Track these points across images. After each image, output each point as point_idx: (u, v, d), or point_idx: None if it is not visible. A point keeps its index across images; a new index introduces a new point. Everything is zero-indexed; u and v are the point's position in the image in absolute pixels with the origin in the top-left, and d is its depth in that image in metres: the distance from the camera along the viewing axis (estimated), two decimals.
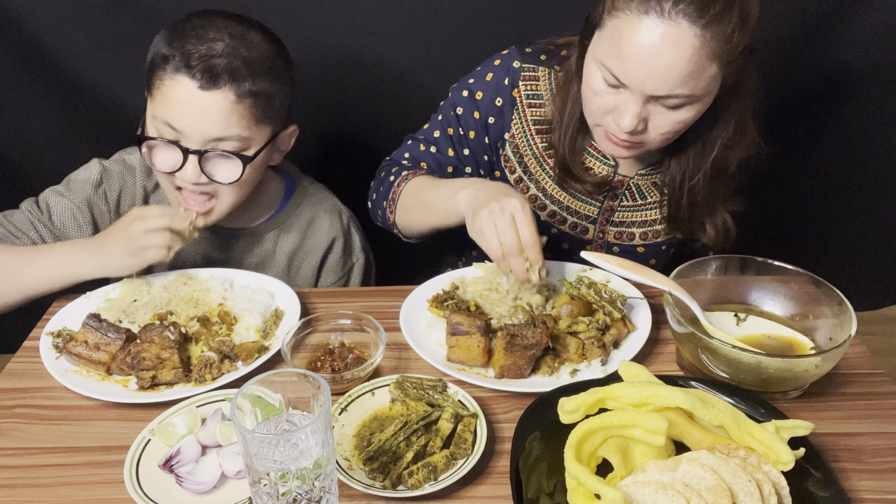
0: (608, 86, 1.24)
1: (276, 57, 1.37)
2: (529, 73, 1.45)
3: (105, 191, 1.50)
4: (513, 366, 1.15)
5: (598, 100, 1.27)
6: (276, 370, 0.87)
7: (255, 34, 1.35)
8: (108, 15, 1.73)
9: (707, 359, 1.11)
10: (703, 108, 1.26)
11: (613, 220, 1.52)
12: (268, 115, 1.37)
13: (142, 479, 0.99)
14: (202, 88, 1.29)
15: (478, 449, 1.00)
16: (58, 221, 1.46)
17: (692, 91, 1.19)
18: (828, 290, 1.15)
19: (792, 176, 1.97)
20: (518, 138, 1.49)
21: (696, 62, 1.15)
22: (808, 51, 1.79)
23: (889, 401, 1.13)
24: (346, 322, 1.26)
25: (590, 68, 1.27)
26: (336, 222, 1.62)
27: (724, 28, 1.14)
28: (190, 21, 1.33)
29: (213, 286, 1.36)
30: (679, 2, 1.13)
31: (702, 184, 1.41)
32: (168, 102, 1.31)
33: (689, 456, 0.93)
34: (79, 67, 1.79)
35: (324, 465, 0.84)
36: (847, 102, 1.85)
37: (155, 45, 1.34)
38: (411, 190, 1.47)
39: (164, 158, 1.35)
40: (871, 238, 2.08)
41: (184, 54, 1.29)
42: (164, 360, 1.16)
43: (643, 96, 1.21)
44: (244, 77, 1.30)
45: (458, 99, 1.51)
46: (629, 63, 1.18)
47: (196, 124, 1.31)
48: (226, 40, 1.31)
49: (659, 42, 1.14)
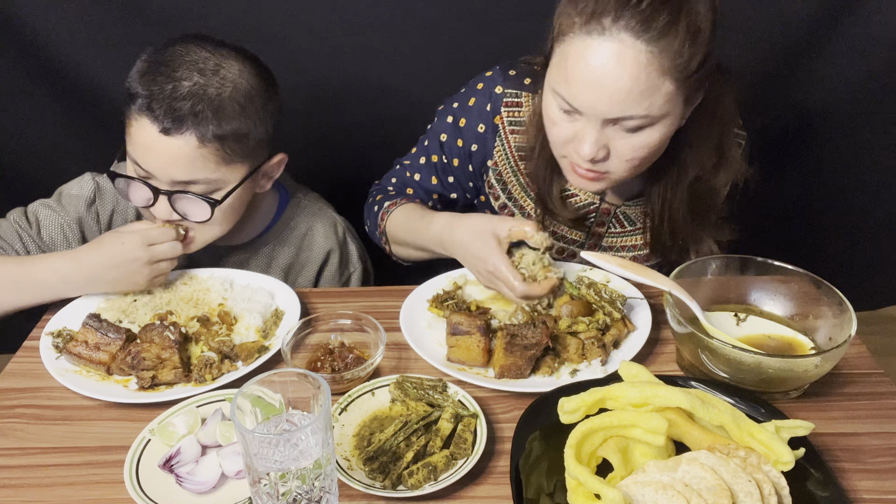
0: (563, 113, 1.20)
1: (253, 92, 1.30)
2: (512, 99, 1.41)
3: (97, 210, 1.47)
4: (513, 366, 1.15)
5: (557, 129, 1.23)
6: (276, 370, 0.87)
7: (231, 66, 1.29)
8: (108, 15, 1.72)
9: (707, 359, 1.11)
10: (668, 130, 1.19)
11: (602, 244, 1.51)
12: (240, 154, 1.31)
13: (142, 479, 0.98)
14: (164, 133, 1.24)
15: (478, 449, 1.00)
16: (46, 237, 1.42)
17: (648, 111, 1.13)
18: (828, 290, 1.15)
19: (792, 176, 1.98)
20: (501, 165, 1.46)
21: (645, 79, 1.10)
22: (808, 50, 1.79)
23: (889, 401, 1.13)
24: (346, 322, 1.25)
25: (546, 98, 1.23)
26: (331, 235, 1.59)
27: (671, 42, 1.08)
28: (163, 53, 1.28)
29: (213, 286, 1.36)
30: (620, 17, 1.08)
31: (682, 212, 1.37)
32: (134, 143, 1.29)
33: (689, 456, 0.93)
34: (78, 67, 1.79)
35: (324, 465, 0.84)
36: (847, 103, 1.85)
37: (129, 78, 1.30)
38: (394, 224, 1.49)
39: (137, 195, 1.34)
40: (871, 238, 2.08)
41: (148, 95, 1.24)
42: (164, 360, 1.16)
43: (599, 120, 1.16)
44: (208, 121, 1.25)
45: (443, 125, 1.49)
46: (577, 86, 1.14)
47: (161, 168, 1.28)
48: (193, 79, 1.25)
49: (604, 61, 1.10)
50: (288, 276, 1.58)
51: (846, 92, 1.84)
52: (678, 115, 1.19)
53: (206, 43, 1.30)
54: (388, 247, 1.54)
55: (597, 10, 1.10)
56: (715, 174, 1.35)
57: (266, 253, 1.56)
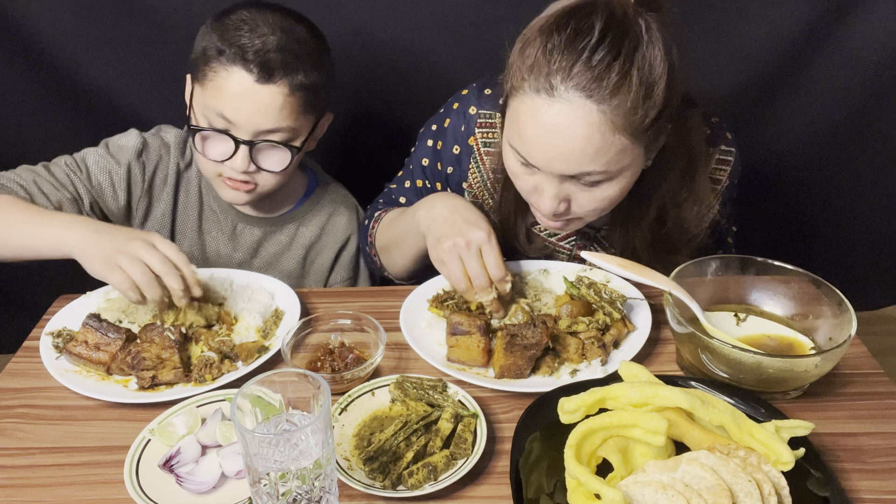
0: (522, 165, 1.19)
1: (321, 49, 1.42)
2: (486, 120, 1.39)
3: (144, 161, 1.52)
4: (513, 366, 1.15)
5: (519, 181, 1.23)
6: (276, 370, 0.87)
7: (300, 27, 1.39)
8: (107, 14, 1.72)
9: (707, 359, 1.11)
10: (629, 181, 1.17)
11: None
12: (314, 104, 1.41)
13: (142, 479, 0.98)
14: (258, 82, 1.32)
15: (478, 449, 1.00)
16: (95, 182, 1.48)
17: (605, 167, 1.11)
18: (828, 290, 1.15)
19: (792, 176, 1.98)
20: (476, 188, 1.45)
21: (599, 139, 1.07)
22: (807, 51, 1.79)
23: (889, 401, 1.13)
24: (346, 322, 1.25)
25: (504, 149, 1.22)
26: (353, 219, 1.67)
27: (624, 99, 1.06)
28: (238, 14, 1.36)
29: (213, 286, 1.36)
30: (569, 78, 1.06)
31: (643, 246, 1.35)
32: (223, 94, 1.34)
33: (689, 456, 0.93)
34: (78, 67, 1.79)
35: (324, 465, 0.84)
36: (847, 102, 1.85)
37: (205, 38, 1.37)
38: (382, 228, 1.49)
39: (216, 148, 1.40)
40: (871, 238, 2.08)
41: (240, 47, 1.32)
42: (164, 360, 1.16)
43: (556, 176, 1.15)
44: (297, 70, 1.35)
45: (423, 150, 1.48)
46: (531, 145, 1.13)
47: (250, 116, 1.35)
48: (278, 34, 1.34)
49: (556, 122, 1.08)
50: (308, 255, 1.65)
51: (845, 92, 1.84)
52: (640, 165, 1.18)
53: (270, 7, 1.38)
54: (378, 259, 1.53)
55: (546, 69, 1.08)
56: (682, 207, 1.33)
57: (290, 230, 1.63)
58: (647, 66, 1.07)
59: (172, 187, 1.56)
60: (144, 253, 1.18)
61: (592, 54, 1.05)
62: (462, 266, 1.20)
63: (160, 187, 1.56)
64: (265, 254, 1.63)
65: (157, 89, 1.78)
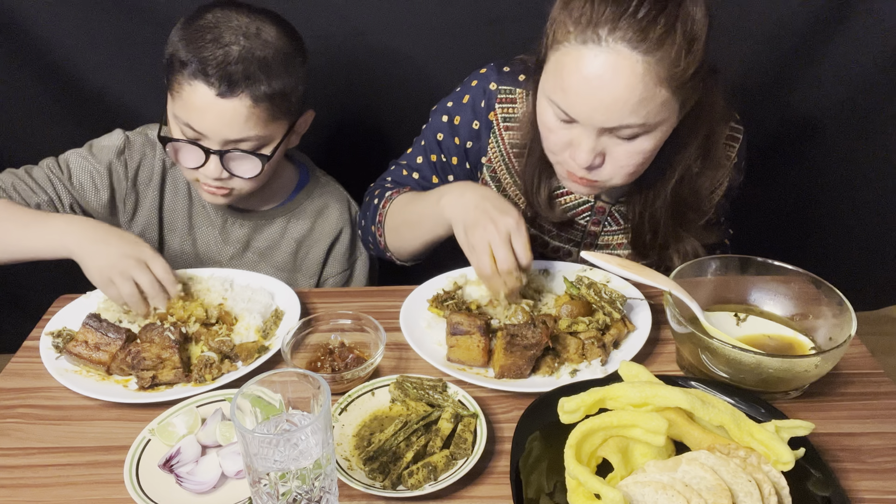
0: (560, 121, 1.20)
1: (291, 51, 1.39)
2: (506, 95, 1.41)
3: (126, 159, 1.52)
4: (513, 366, 1.15)
5: (553, 136, 1.23)
6: (276, 370, 0.87)
7: (268, 29, 1.36)
8: (107, 13, 1.72)
9: (707, 359, 1.11)
10: (663, 136, 1.19)
11: (598, 243, 1.51)
12: (284, 111, 1.40)
13: (142, 479, 0.98)
14: (220, 96, 1.31)
15: (478, 449, 1.00)
16: (76, 182, 1.48)
17: (644, 120, 1.13)
18: (828, 290, 1.15)
19: (792, 176, 1.98)
20: (495, 163, 1.46)
21: (642, 90, 1.09)
22: (806, 50, 1.79)
23: (889, 401, 1.13)
24: (346, 322, 1.25)
25: (541, 104, 1.23)
26: (345, 212, 1.66)
27: (668, 52, 1.08)
28: (204, 18, 1.34)
29: (213, 286, 1.36)
30: (616, 28, 1.07)
31: (663, 212, 1.37)
32: (187, 107, 1.34)
33: (689, 456, 0.93)
34: (78, 66, 1.79)
35: (324, 465, 0.84)
36: (847, 102, 1.85)
37: (171, 45, 1.36)
38: (396, 208, 1.46)
39: (188, 157, 1.40)
40: (871, 238, 2.08)
41: (201, 61, 1.30)
42: (164, 360, 1.16)
43: (595, 129, 1.16)
44: (260, 81, 1.32)
45: (439, 124, 1.49)
46: (574, 97, 1.14)
47: (216, 128, 1.34)
48: (241, 43, 1.32)
49: (600, 72, 1.09)
50: (300, 248, 1.65)
51: (845, 91, 1.84)
52: (673, 122, 1.19)
53: (240, 8, 1.36)
54: (383, 239, 1.51)
55: (593, 20, 1.09)
56: (699, 176, 1.35)
57: (281, 223, 1.63)
58: (691, 21, 1.10)
59: (158, 184, 1.56)
60: (137, 272, 1.25)
61: (639, 6, 1.08)
62: (490, 254, 1.20)
63: (145, 184, 1.56)
64: (256, 248, 1.63)
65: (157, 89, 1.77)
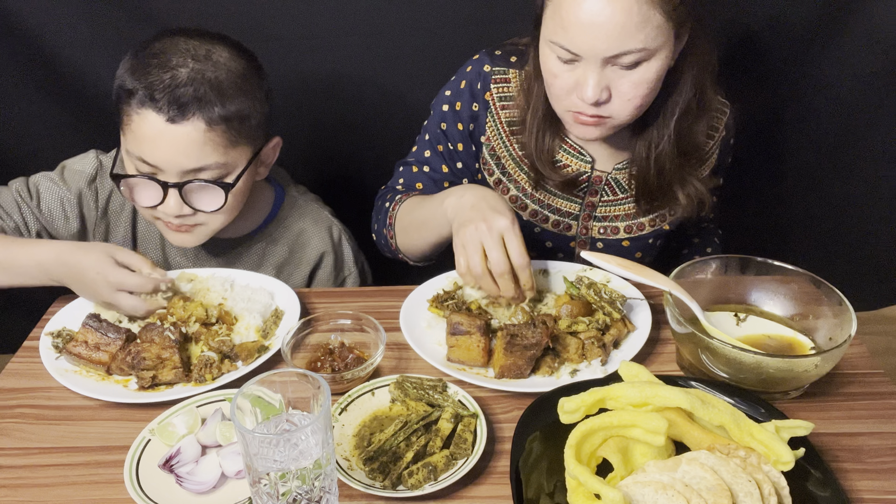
0: (563, 63, 1.25)
1: (246, 73, 1.32)
2: (500, 76, 1.46)
3: (97, 187, 1.47)
4: (513, 366, 1.15)
5: (558, 81, 1.27)
6: (276, 370, 0.87)
7: (220, 51, 1.30)
8: (107, 13, 1.72)
9: (707, 359, 1.11)
10: (663, 64, 1.24)
11: (596, 215, 1.52)
12: (244, 135, 1.32)
13: (142, 479, 0.99)
14: (171, 122, 1.24)
15: (478, 449, 1.00)
16: (45, 209, 1.43)
17: (644, 44, 1.19)
18: (828, 290, 1.15)
19: (792, 176, 1.98)
20: (494, 141, 1.50)
21: (637, 11, 1.16)
22: (806, 50, 1.79)
23: (889, 401, 1.13)
24: (346, 322, 1.25)
25: (544, 52, 1.28)
26: (325, 237, 1.57)
27: None
28: (151, 47, 1.28)
29: (213, 286, 1.36)
30: None
31: (667, 150, 1.40)
32: (138, 138, 1.27)
33: (689, 456, 0.93)
34: (78, 66, 1.78)
35: (324, 465, 0.84)
36: (846, 102, 1.85)
37: (119, 78, 1.30)
38: (405, 211, 1.47)
39: (145, 194, 1.32)
40: (871, 238, 2.08)
41: (147, 87, 1.24)
42: (164, 359, 1.16)
43: (598, 61, 1.21)
44: (213, 103, 1.26)
45: (441, 114, 1.52)
46: (575, 29, 1.19)
47: (170, 158, 1.27)
48: (189, 65, 1.26)
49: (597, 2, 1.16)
50: (280, 275, 1.57)
51: (845, 91, 1.84)
52: (671, 50, 1.25)
53: (189, 32, 1.31)
54: (395, 241, 1.51)
55: None
56: (697, 116, 1.40)
57: (258, 250, 1.55)
58: None
59: (130, 212, 1.51)
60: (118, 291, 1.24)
61: None
62: (482, 253, 1.19)
63: (117, 213, 1.50)
64: None
65: None
